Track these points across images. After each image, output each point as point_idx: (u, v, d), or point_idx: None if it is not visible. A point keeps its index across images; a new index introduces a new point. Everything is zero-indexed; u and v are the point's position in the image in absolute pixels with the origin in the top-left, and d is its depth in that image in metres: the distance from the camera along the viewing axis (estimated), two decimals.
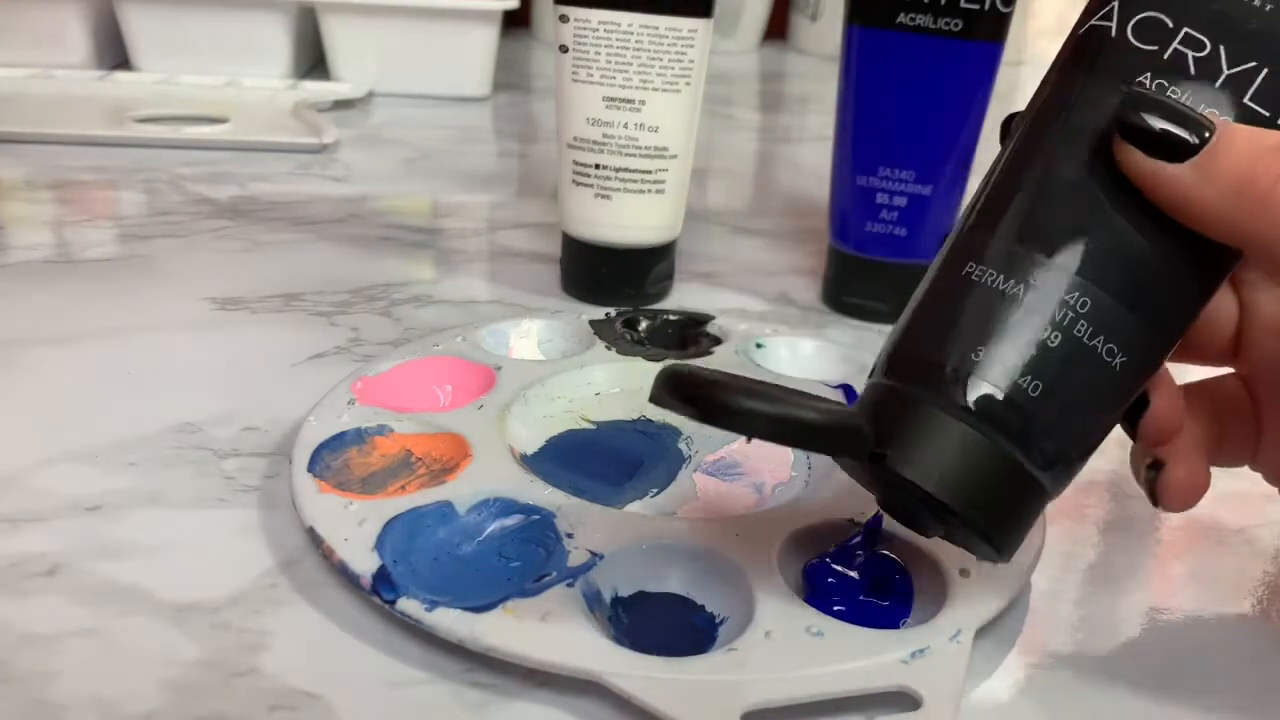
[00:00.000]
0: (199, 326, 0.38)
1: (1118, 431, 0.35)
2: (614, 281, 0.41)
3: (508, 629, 0.22)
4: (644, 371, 0.35)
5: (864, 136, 0.40)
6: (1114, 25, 0.22)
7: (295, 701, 0.21)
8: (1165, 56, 0.22)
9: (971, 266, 0.23)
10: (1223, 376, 0.27)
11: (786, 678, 0.21)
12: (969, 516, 0.21)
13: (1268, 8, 0.21)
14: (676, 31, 0.38)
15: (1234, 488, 0.32)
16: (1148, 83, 0.22)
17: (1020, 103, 0.25)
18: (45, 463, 0.29)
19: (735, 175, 0.66)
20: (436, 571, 0.24)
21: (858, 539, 0.26)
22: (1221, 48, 0.22)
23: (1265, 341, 0.25)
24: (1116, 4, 0.22)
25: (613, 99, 0.38)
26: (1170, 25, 0.22)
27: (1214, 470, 0.33)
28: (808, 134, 0.78)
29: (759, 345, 0.36)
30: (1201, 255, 0.22)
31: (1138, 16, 0.22)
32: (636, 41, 0.38)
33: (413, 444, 0.29)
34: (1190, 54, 0.22)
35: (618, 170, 0.39)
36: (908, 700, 0.21)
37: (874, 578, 0.25)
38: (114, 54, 0.73)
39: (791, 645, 0.22)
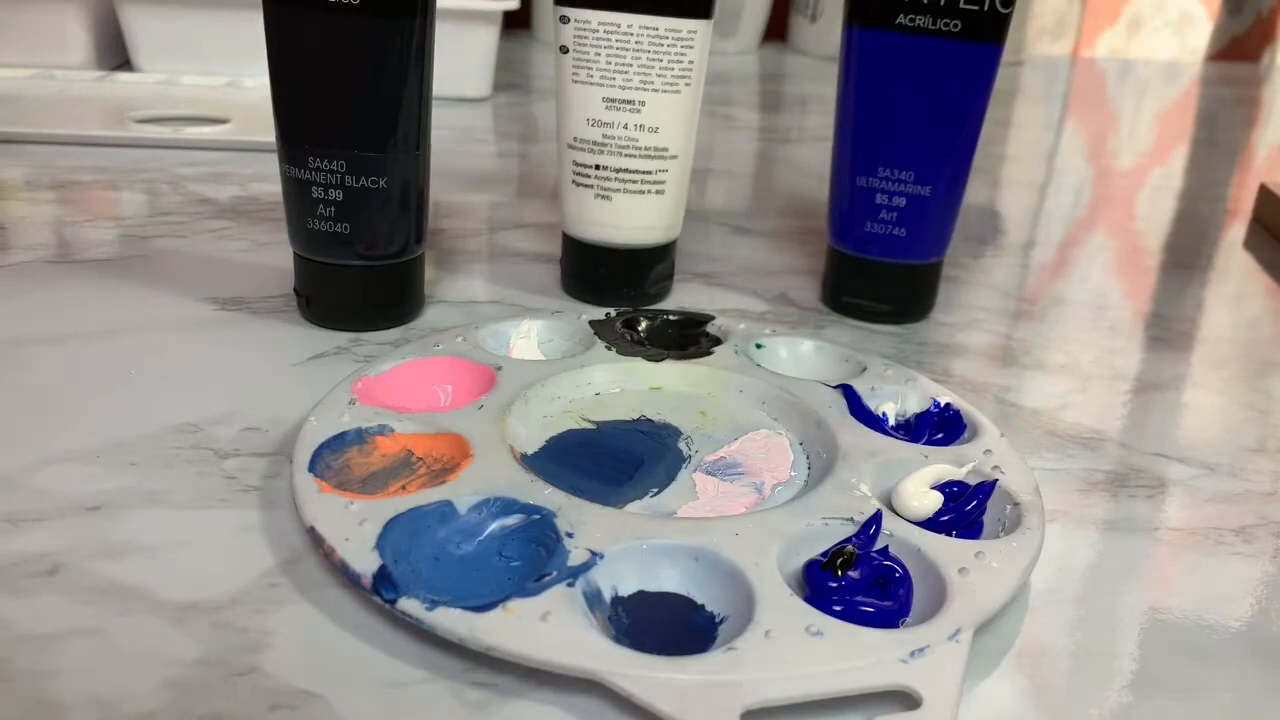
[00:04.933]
0: (199, 326, 0.38)
1: (1115, 430, 0.35)
2: (614, 281, 0.42)
3: (508, 628, 0.22)
4: (644, 372, 0.35)
5: (863, 137, 0.40)
6: None
7: (295, 701, 0.21)
8: None
9: (285, 167, 0.36)
10: None
11: (786, 677, 0.21)
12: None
13: None
14: (676, 33, 0.38)
15: (1234, 488, 0.32)
16: None
17: (1020, 105, 0.25)
18: (45, 463, 0.29)
19: (735, 175, 0.66)
20: (437, 571, 0.24)
21: (857, 538, 0.26)
22: None
23: None
24: None
25: (613, 100, 0.38)
26: None
27: (1212, 471, 0.33)
28: (808, 134, 0.78)
29: (758, 345, 0.36)
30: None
31: None
32: (636, 42, 0.38)
33: (413, 444, 0.29)
34: None
35: (618, 171, 0.39)
36: (907, 700, 0.21)
37: (874, 577, 0.25)
38: (114, 54, 0.73)
39: (791, 645, 0.22)
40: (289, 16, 0.34)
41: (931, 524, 0.27)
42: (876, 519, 0.26)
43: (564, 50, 0.39)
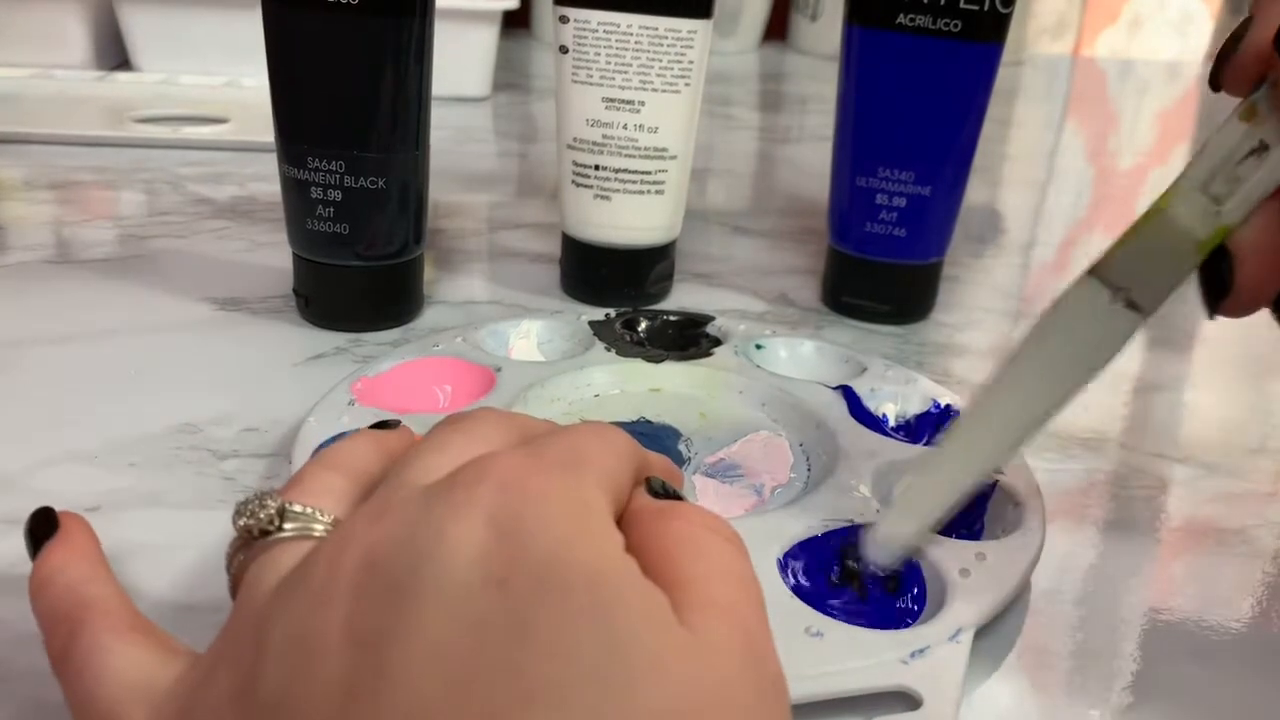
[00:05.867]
0: (199, 326, 0.38)
1: (1115, 431, 0.35)
2: (614, 282, 0.41)
3: None
4: (644, 373, 0.35)
5: (863, 137, 0.40)
6: None
7: None
8: None
9: (284, 167, 0.35)
10: None
11: (787, 678, 0.21)
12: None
13: None
14: (676, 32, 0.38)
15: (1234, 488, 0.32)
16: None
17: (1021, 104, 0.25)
18: (45, 463, 0.29)
19: (735, 175, 0.66)
20: None
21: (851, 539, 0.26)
22: None
23: None
24: None
25: (612, 100, 0.38)
26: None
27: (1213, 471, 0.33)
28: (808, 134, 0.78)
29: (758, 346, 0.36)
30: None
31: None
32: (636, 42, 0.38)
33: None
34: None
35: (617, 171, 0.39)
36: (908, 700, 0.21)
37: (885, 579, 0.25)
38: (114, 54, 0.73)
39: (791, 645, 0.22)
40: (288, 16, 0.34)
41: None
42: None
43: (564, 50, 0.39)
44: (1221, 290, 0.22)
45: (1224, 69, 0.22)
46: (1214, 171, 0.21)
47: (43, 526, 0.20)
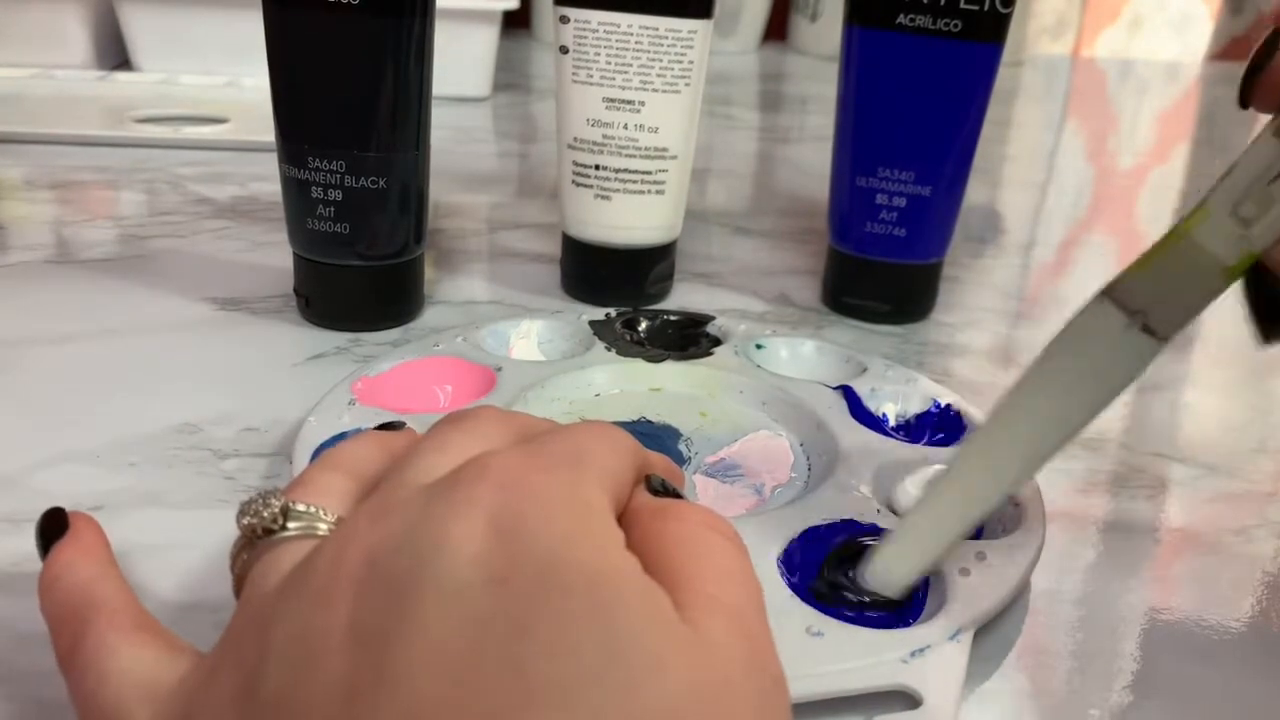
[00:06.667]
0: (199, 326, 0.38)
1: (1115, 431, 0.35)
2: (614, 282, 0.41)
3: None
4: (644, 372, 0.35)
5: (863, 137, 0.40)
6: None
7: None
8: None
9: (284, 167, 0.35)
10: None
11: (787, 677, 0.21)
12: None
13: None
14: (676, 33, 0.38)
15: (1234, 488, 0.32)
16: None
17: (1020, 105, 0.25)
18: (45, 463, 0.29)
19: (735, 175, 0.66)
20: None
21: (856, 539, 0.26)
22: None
23: None
24: None
25: (612, 100, 0.38)
26: None
27: (1213, 471, 0.33)
28: (808, 134, 0.78)
29: (759, 346, 0.36)
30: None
31: None
32: (636, 43, 0.38)
33: None
34: None
35: (617, 171, 0.39)
36: (908, 700, 0.21)
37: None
38: (114, 54, 0.73)
39: (791, 645, 0.22)
40: (289, 16, 0.34)
41: None
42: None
43: (564, 50, 0.39)
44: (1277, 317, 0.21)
45: (1254, 83, 0.20)
46: (1244, 193, 0.20)
47: (53, 526, 0.20)
